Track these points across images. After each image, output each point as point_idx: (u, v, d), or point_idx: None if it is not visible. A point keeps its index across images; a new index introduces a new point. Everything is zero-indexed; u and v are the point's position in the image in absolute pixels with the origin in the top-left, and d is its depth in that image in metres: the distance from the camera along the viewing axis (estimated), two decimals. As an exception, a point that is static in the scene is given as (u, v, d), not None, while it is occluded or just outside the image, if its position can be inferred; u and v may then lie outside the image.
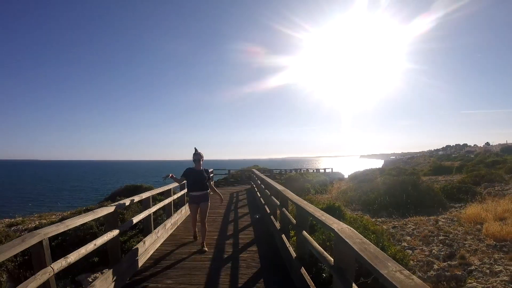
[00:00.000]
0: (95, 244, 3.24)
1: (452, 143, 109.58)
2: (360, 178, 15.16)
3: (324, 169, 26.72)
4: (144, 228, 5.63)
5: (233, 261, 4.75)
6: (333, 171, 26.78)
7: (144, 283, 3.94)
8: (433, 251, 5.84)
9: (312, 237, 3.61)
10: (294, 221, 4.32)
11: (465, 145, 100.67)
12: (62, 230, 2.83)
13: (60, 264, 2.58)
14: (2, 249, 2.07)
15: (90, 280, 5.31)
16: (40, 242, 2.40)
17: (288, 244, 4.76)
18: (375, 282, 3.26)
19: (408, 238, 6.69)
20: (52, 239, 3.88)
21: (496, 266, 5.16)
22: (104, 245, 3.58)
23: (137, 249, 4.53)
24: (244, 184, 18.10)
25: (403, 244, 6.34)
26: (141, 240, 5.17)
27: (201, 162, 5.46)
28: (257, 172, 13.50)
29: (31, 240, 2.31)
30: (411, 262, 5.26)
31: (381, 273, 1.51)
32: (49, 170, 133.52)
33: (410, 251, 5.84)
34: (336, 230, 2.42)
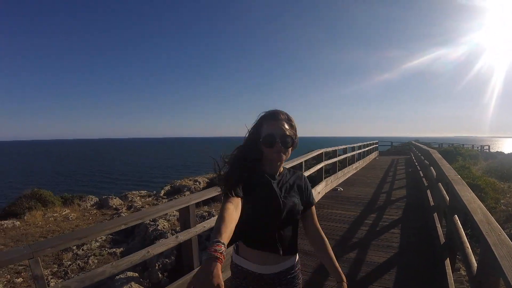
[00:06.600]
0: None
1: None
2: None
3: (481, 146, 28.57)
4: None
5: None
6: (491, 150, 27.83)
7: None
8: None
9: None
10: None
11: None
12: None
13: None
14: (201, 194, 3.21)
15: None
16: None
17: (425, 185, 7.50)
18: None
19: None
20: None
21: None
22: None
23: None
24: (404, 155, 20.98)
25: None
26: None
27: (290, 148, 1.20)
28: (415, 143, 18.53)
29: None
30: None
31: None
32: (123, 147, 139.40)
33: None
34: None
